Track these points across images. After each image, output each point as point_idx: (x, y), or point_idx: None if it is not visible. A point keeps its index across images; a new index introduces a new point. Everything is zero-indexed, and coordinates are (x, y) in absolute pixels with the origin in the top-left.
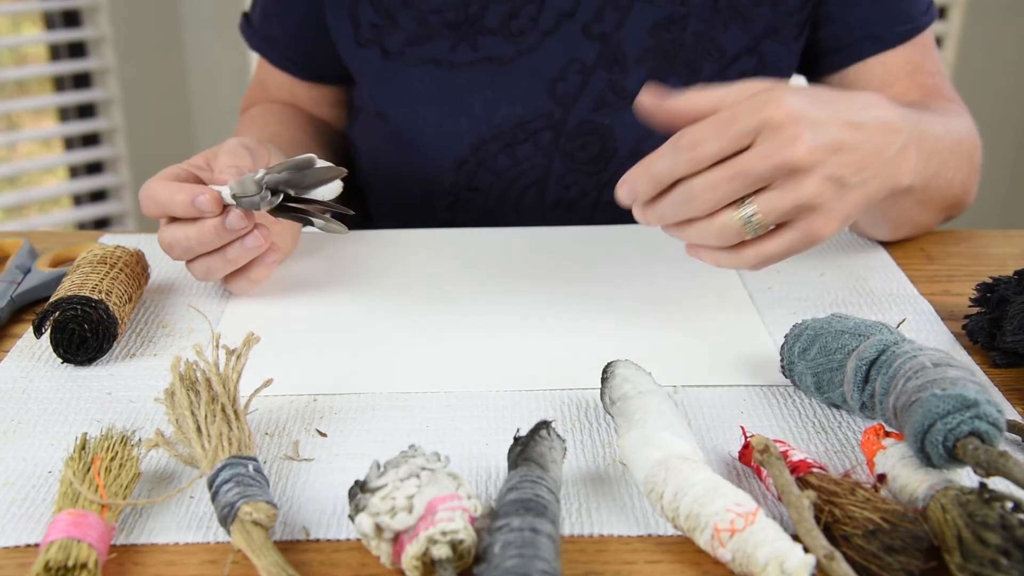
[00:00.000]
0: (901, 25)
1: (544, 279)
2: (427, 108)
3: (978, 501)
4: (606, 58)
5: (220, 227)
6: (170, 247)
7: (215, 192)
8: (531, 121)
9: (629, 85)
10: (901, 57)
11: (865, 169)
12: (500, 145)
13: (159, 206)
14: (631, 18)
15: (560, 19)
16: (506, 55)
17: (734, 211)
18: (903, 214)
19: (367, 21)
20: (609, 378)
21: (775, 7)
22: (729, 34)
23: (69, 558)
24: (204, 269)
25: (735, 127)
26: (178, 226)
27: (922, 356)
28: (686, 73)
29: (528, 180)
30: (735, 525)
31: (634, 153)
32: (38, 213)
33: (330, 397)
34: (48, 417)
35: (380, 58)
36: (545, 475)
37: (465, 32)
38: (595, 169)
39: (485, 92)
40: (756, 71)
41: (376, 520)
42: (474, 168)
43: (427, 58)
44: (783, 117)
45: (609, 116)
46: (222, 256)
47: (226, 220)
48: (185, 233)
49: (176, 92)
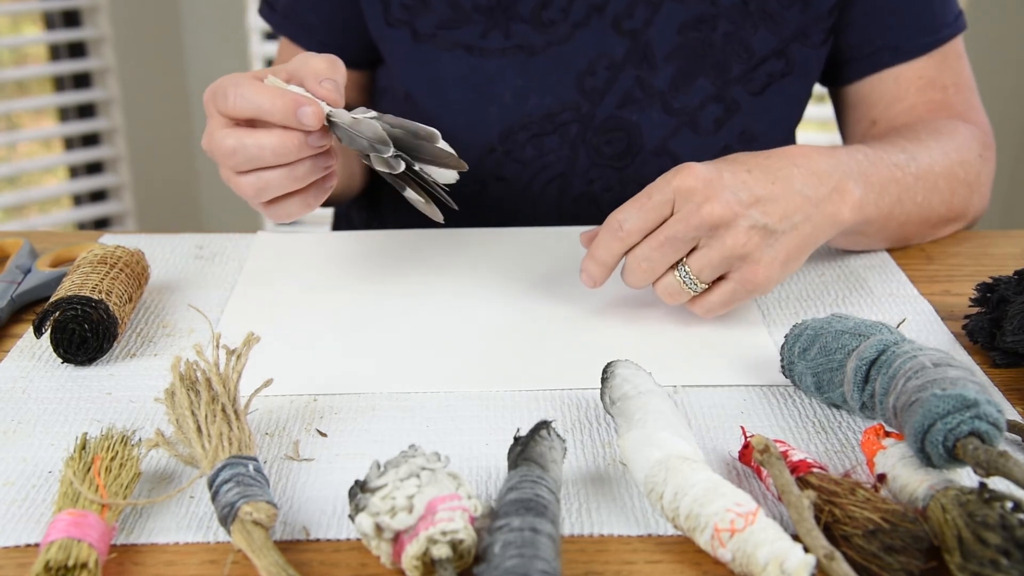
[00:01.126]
0: (923, 37)
1: (544, 279)
2: (456, 94)
3: (978, 501)
4: (635, 55)
5: (303, 141)
6: (232, 152)
7: (320, 107)
8: (559, 113)
9: (657, 83)
10: (915, 71)
11: (792, 215)
12: (528, 135)
13: (254, 108)
14: (660, 16)
15: (590, 12)
16: (536, 45)
17: (673, 273)
18: (885, 237)
19: (398, 2)
20: (609, 378)
21: (804, 11)
22: (758, 36)
23: (69, 558)
24: (262, 184)
25: (651, 200)
26: (254, 132)
27: (922, 356)
28: (714, 73)
29: (553, 172)
30: (735, 525)
31: (660, 150)
32: (38, 213)
33: (330, 397)
34: (48, 417)
35: (411, 40)
36: (545, 475)
37: (497, 18)
38: (620, 165)
39: (515, 81)
40: (784, 73)
41: (376, 520)
42: (501, 157)
43: (458, 43)
44: (694, 182)
45: (636, 112)
46: (289, 172)
47: (310, 137)
48: (260, 141)
49: (176, 92)
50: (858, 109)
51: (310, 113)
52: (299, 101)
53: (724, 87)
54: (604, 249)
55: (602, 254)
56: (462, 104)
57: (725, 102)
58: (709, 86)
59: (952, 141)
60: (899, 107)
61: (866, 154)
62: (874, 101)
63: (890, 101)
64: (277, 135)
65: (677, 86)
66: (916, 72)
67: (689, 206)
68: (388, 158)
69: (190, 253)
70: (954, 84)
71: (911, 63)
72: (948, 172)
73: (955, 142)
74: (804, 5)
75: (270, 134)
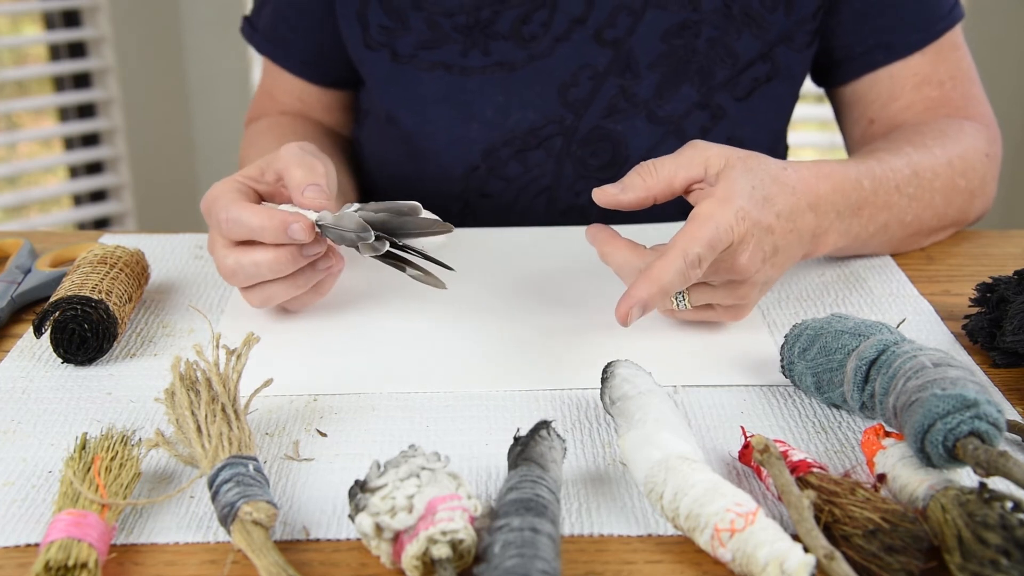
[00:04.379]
0: (915, 33)
1: (544, 279)
2: (437, 113)
3: (978, 501)
4: (618, 64)
5: (298, 254)
6: (233, 273)
7: (309, 220)
8: (543, 127)
9: (641, 92)
10: (910, 68)
11: (786, 262)
12: (511, 151)
13: (247, 231)
14: (643, 24)
15: (572, 25)
16: (517, 60)
17: None
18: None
19: (376, 24)
20: (609, 378)
21: (789, 14)
22: (742, 40)
23: (69, 558)
24: (266, 296)
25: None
26: (250, 250)
27: (922, 356)
28: (698, 80)
29: (539, 187)
30: (735, 525)
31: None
32: (38, 213)
33: (330, 397)
34: (48, 417)
35: (390, 61)
36: (545, 475)
37: (476, 37)
38: (606, 176)
39: (496, 98)
40: (769, 77)
41: (376, 520)
42: (485, 174)
43: (437, 62)
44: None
45: (621, 122)
46: (290, 283)
47: (304, 248)
48: (256, 259)
49: (176, 92)
50: (855, 109)
51: (299, 229)
52: (287, 220)
53: (709, 94)
54: (678, 278)
55: (671, 282)
56: (444, 123)
57: (710, 109)
58: (694, 93)
59: (958, 145)
60: (896, 106)
61: (872, 178)
62: (871, 100)
63: (886, 100)
64: (272, 253)
65: (661, 94)
66: (911, 69)
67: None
68: (372, 243)
69: (190, 253)
70: (952, 78)
71: (906, 60)
72: (948, 185)
73: (960, 146)
74: (788, 8)
75: (266, 252)
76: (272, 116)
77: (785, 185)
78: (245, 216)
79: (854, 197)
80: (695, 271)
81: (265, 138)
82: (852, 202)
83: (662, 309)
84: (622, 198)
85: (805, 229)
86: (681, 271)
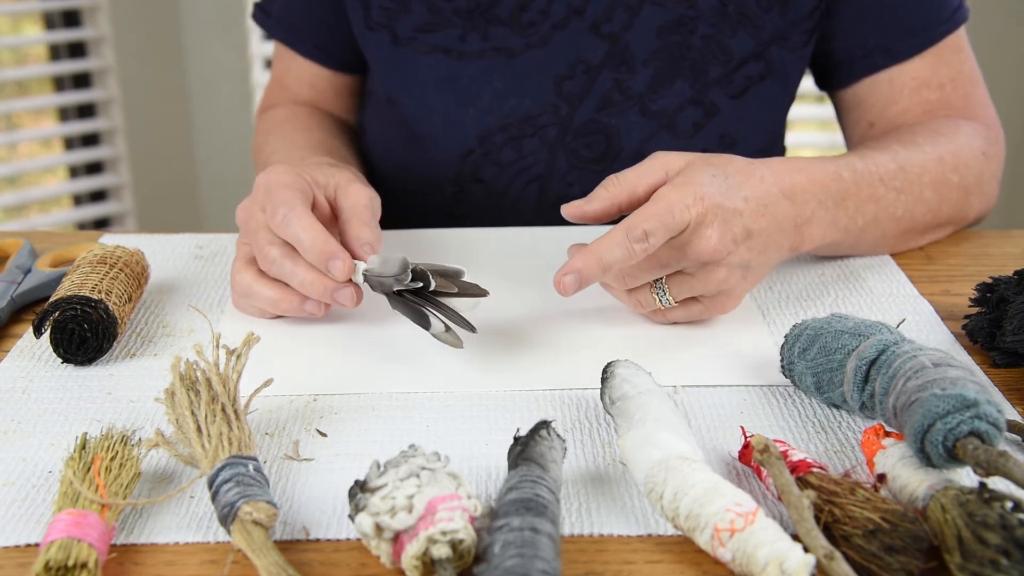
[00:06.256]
0: (914, 37)
1: (544, 279)
2: (435, 97)
3: (978, 501)
4: (613, 58)
5: (328, 290)
6: (271, 262)
7: (350, 263)
8: (538, 116)
9: (635, 86)
10: (909, 72)
11: (767, 249)
12: (506, 138)
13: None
14: (640, 19)
15: (570, 15)
16: (515, 48)
17: (650, 288)
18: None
19: (378, 4)
20: (609, 378)
21: (784, 13)
22: (737, 39)
23: (69, 558)
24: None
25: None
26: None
27: (922, 356)
28: (692, 76)
29: (531, 175)
30: (735, 525)
31: (638, 154)
32: (38, 213)
33: (330, 397)
34: (48, 417)
35: (390, 43)
36: (545, 475)
37: (476, 21)
38: (599, 168)
39: (494, 83)
40: (763, 76)
41: (376, 520)
42: (479, 159)
43: (437, 46)
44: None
45: (615, 116)
46: (304, 304)
47: (337, 293)
48: (296, 270)
49: (176, 92)
50: (855, 112)
51: (339, 267)
52: (333, 254)
53: (702, 90)
54: (619, 251)
55: (611, 255)
56: (441, 107)
57: (704, 105)
58: (687, 89)
59: (951, 143)
60: (894, 109)
61: (853, 171)
62: (870, 104)
63: (885, 104)
64: (311, 274)
65: (655, 89)
66: (910, 73)
67: (690, 237)
68: (407, 282)
69: (190, 253)
70: (952, 81)
71: (905, 64)
72: (938, 180)
73: (954, 144)
74: (784, 7)
75: (307, 271)
76: (287, 106)
77: (752, 175)
78: (299, 226)
79: (835, 188)
80: (640, 245)
81: (283, 128)
82: (833, 192)
83: (648, 311)
84: (587, 208)
85: (783, 217)
86: (622, 243)
